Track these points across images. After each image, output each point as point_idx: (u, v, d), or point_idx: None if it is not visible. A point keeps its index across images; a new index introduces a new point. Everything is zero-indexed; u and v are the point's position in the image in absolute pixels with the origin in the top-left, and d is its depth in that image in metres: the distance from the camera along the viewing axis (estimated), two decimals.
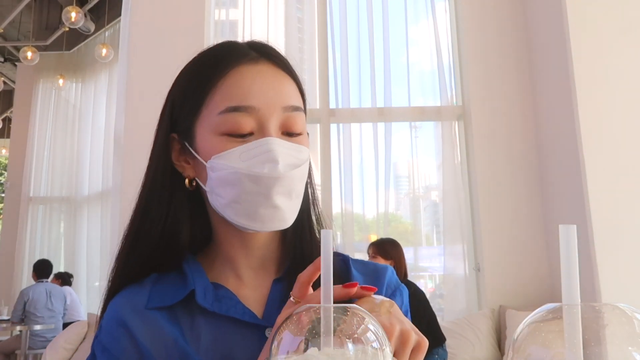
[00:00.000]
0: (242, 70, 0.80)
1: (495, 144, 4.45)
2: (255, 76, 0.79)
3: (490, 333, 4.00)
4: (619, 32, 3.75)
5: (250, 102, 0.77)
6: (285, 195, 0.75)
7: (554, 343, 0.38)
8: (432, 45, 4.81)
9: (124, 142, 4.32)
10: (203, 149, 0.79)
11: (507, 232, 4.31)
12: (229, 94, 0.78)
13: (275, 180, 0.74)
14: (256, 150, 0.75)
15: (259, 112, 0.76)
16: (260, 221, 0.76)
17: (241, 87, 0.78)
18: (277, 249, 0.85)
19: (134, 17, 4.53)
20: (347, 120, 4.70)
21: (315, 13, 4.95)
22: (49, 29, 8.79)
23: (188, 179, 0.82)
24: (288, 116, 0.79)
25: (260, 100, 0.77)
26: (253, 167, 0.74)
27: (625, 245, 3.50)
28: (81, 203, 8.12)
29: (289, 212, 0.77)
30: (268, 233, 0.82)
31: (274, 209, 0.75)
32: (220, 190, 0.77)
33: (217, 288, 0.80)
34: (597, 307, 0.38)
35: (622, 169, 3.58)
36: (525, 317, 0.41)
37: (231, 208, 0.76)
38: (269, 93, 0.78)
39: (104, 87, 8.12)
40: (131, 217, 0.85)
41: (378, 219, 4.58)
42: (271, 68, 0.81)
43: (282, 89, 0.80)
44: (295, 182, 0.76)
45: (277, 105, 0.78)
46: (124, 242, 0.83)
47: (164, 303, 0.77)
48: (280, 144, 0.76)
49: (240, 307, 0.77)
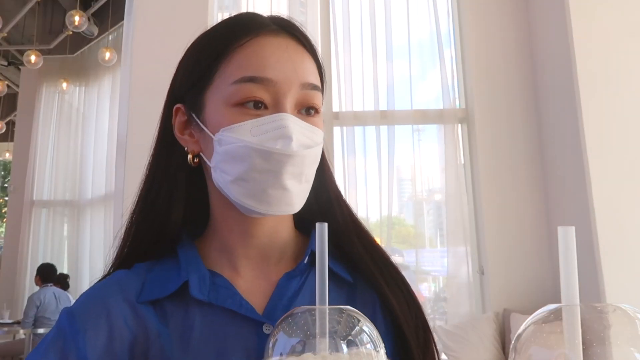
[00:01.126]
0: (262, 40, 0.75)
1: (498, 147, 4.44)
2: (275, 48, 0.74)
3: (494, 336, 3.98)
4: (623, 34, 3.74)
5: (268, 74, 0.72)
6: (296, 177, 0.70)
7: (556, 344, 0.38)
8: (434, 48, 4.81)
9: (127, 145, 4.32)
10: (212, 120, 0.74)
11: (510, 235, 4.30)
12: (246, 63, 0.73)
13: (288, 158, 0.68)
14: (269, 125, 0.70)
15: (276, 86, 0.72)
16: (267, 203, 0.70)
17: (259, 57, 0.73)
18: (288, 239, 0.80)
19: (137, 20, 4.54)
20: (350, 124, 4.70)
21: (318, 16, 4.95)
22: (52, 33, 8.84)
23: (192, 154, 0.77)
24: (306, 94, 0.74)
25: (278, 73, 0.72)
26: (265, 142, 0.69)
27: (629, 247, 3.49)
28: (84, 206, 8.13)
29: (297, 196, 0.72)
30: (271, 222, 0.77)
31: (283, 190, 0.70)
32: (226, 166, 0.72)
33: (214, 276, 0.75)
34: (599, 308, 0.38)
35: (626, 171, 3.57)
36: None
37: (237, 186, 0.71)
38: (288, 67, 0.73)
39: (107, 91, 8.14)
40: (137, 193, 0.81)
41: (381, 222, 4.58)
42: (292, 43, 0.77)
43: (302, 65, 0.75)
44: (306, 164, 0.71)
45: (296, 80, 0.73)
46: (130, 219, 0.80)
47: (156, 295, 0.72)
48: (294, 121, 0.71)
49: (238, 298, 0.72)
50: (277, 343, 0.42)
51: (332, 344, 0.42)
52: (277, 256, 0.79)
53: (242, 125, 0.70)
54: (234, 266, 0.77)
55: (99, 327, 0.69)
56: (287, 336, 0.42)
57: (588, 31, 3.75)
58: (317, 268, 0.45)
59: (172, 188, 0.79)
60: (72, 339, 0.67)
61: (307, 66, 0.76)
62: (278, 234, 0.79)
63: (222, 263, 0.78)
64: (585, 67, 3.69)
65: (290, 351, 0.42)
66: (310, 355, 0.41)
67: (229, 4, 5.24)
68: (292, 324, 0.43)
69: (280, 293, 0.75)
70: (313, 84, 0.75)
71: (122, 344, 0.68)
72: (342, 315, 0.44)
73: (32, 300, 6.24)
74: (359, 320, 0.43)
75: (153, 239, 0.79)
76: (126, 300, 0.72)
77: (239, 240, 0.77)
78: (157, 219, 0.79)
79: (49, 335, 0.70)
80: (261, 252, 0.78)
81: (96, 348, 0.67)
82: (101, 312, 0.70)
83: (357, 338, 0.42)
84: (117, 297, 0.72)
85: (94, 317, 0.69)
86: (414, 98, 4.83)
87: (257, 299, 0.74)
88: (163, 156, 0.80)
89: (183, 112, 0.79)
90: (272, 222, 0.77)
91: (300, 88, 0.73)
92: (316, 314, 0.42)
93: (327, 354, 0.41)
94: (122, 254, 0.80)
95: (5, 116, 11.19)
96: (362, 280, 0.80)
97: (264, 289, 0.76)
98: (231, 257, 0.78)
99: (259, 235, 0.77)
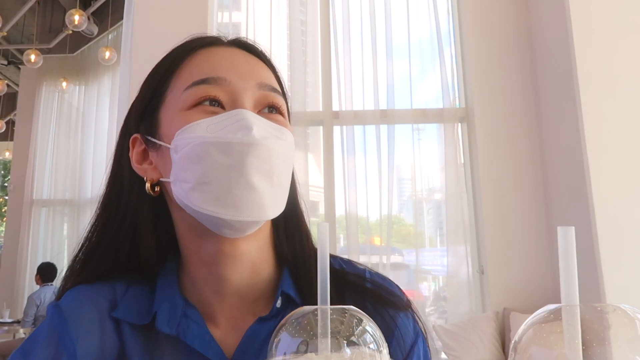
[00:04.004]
0: (212, 49, 0.71)
1: (498, 146, 4.44)
2: (227, 54, 0.71)
3: (494, 336, 3.98)
4: (623, 34, 3.74)
5: (221, 74, 0.67)
6: (264, 174, 0.62)
7: (556, 344, 0.38)
8: (434, 47, 4.81)
9: None
10: (167, 132, 0.67)
11: (510, 234, 4.30)
12: (196, 69, 0.69)
13: (250, 147, 0.61)
14: (227, 121, 0.64)
15: (231, 85, 0.67)
16: (233, 206, 0.61)
17: (210, 61, 0.69)
18: (268, 279, 0.73)
19: (137, 19, 4.54)
20: (350, 123, 4.70)
21: (318, 16, 4.95)
22: (52, 32, 8.83)
23: (150, 182, 0.70)
24: (264, 94, 0.69)
25: (232, 72, 0.68)
26: (223, 136, 0.62)
27: (629, 247, 3.48)
28: (84, 206, 8.12)
29: (269, 198, 0.63)
30: (249, 260, 0.69)
31: (250, 188, 0.61)
32: (184, 174, 0.64)
33: (188, 307, 0.70)
34: (598, 308, 0.38)
35: (626, 171, 3.57)
36: None
37: (197, 192, 0.63)
38: (242, 67, 0.69)
39: (107, 90, 8.14)
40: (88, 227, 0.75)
41: (381, 221, 4.58)
42: (243, 53, 0.72)
43: (256, 68, 0.71)
44: (274, 158, 0.63)
45: (252, 80, 0.68)
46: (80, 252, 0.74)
47: (130, 320, 0.69)
48: (255, 116, 0.65)
49: (207, 338, 0.67)
50: (280, 343, 0.43)
51: (335, 344, 0.42)
52: (254, 297, 0.72)
53: (198, 124, 0.64)
54: (206, 306, 0.72)
55: (91, 334, 0.67)
56: (290, 336, 0.43)
57: (588, 31, 3.75)
58: (319, 268, 0.45)
59: (135, 223, 0.72)
60: (64, 344, 0.66)
61: (262, 70, 0.71)
62: (257, 273, 0.72)
63: (196, 296, 0.72)
64: (585, 67, 3.69)
65: (294, 351, 0.42)
66: (313, 355, 0.41)
67: (229, 3, 5.24)
68: (295, 324, 0.43)
69: (252, 337, 0.69)
70: (271, 86, 0.70)
71: (111, 356, 0.67)
72: (344, 315, 0.44)
73: (32, 299, 6.24)
74: (362, 320, 0.44)
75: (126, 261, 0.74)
76: (110, 312, 0.70)
77: (211, 282, 0.71)
78: (121, 249, 0.73)
79: (41, 332, 0.68)
80: (237, 294, 0.71)
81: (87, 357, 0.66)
82: (94, 319, 0.69)
83: (360, 338, 0.43)
84: (105, 305, 0.70)
85: (86, 323, 0.68)
86: (414, 97, 4.83)
87: (228, 341, 0.69)
88: (121, 192, 0.74)
89: (140, 140, 0.73)
90: (250, 258, 0.70)
91: (258, 87, 0.68)
92: (318, 314, 0.43)
93: (330, 353, 0.41)
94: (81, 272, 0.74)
95: (5, 115, 11.19)
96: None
97: (237, 332, 0.70)
98: (202, 296, 0.72)
99: (234, 278, 0.70)
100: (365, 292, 0.73)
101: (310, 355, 0.41)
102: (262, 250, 0.72)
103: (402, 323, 0.72)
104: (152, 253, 0.73)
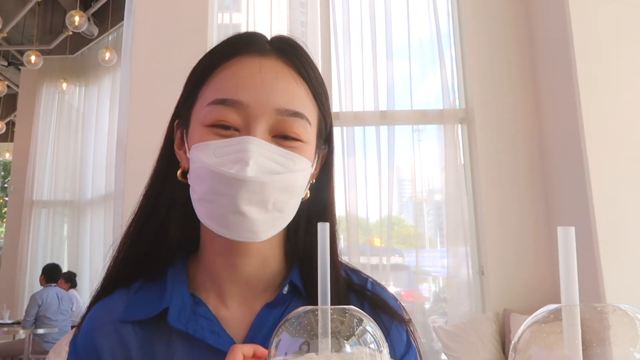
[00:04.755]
0: (245, 60, 0.72)
1: (498, 147, 4.44)
2: (256, 71, 0.71)
3: (494, 336, 3.98)
4: (623, 34, 3.74)
5: (239, 97, 0.69)
6: (257, 204, 0.67)
7: (556, 344, 0.38)
8: (434, 48, 4.81)
9: (127, 145, 4.32)
10: (191, 139, 0.72)
11: (510, 235, 4.30)
12: (221, 85, 0.71)
13: (241, 183, 0.65)
14: (231, 147, 0.68)
15: (247, 109, 0.69)
16: (226, 227, 0.68)
17: (235, 78, 0.71)
18: (277, 270, 0.77)
19: (137, 20, 4.54)
20: (350, 124, 4.70)
21: (318, 17, 4.95)
22: (52, 33, 8.84)
23: (181, 170, 0.76)
24: (282, 120, 0.70)
25: (251, 96, 0.69)
26: (223, 164, 0.67)
27: (629, 247, 3.48)
28: (84, 207, 8.13)
29: (262, 224, 0.68)
30: (259, 253, 0.75)
31: (241, 216, 0.66)
32: (194, 185, 0.71)
33: (197, 304, 0.73)
34: (599, 308, 0.38)
35: (626, 171, 3.57)
36: None
37: (201, 205, 0.69)
38: (265, 91, 0.70)
39: (107, 91, 8.14)
40: (136, 206, 0.80)
41: (381, 222, 4.58)
42: (280, 65, 0.73)
43: (282, 89, 0.71)
44: (271, 190, 0.67)
45: (270, 105, 0.69)
46: (125, 234, 0.79)
47: (138, 317, 0.72)
48: (260, 144, 0.68)
49: (217, 330, 0.71)
50: (280, 343, 0.43)
51: (335, 344, 0.42)
52: (263, 286, 0.77)
53: (208, 145, 0.69)
54: (220, 292, 0.76)
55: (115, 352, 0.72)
56: (291, 336, 0.43)
57: (588, 31, 3.75)
58: (319, 268, 0.46)
59: (169, 204, 0.77)
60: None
61: (290, 91, 0.72)
62: (266, 266, 0.77)
63: (207, 287, 0.76)
64: (585, 67, 3.69)
65: (294, 351, 0.42)
66: (313, 355, 0.41)
67: (229, 4, 5.24)
68: (295, 324, 0.43)
69: (260, 323, 0.72)
70: (292, 111, 0.71)
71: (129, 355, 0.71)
72: (345, 315, 0.44)
73: (35, 299, 6.25)
74: (362, 320, 0.44)
75: (145, 261, 0.78)
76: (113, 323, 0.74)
77: (224, 265, 0.75)
78: (151, 240, 0.78)
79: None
80: (247, 282, 0.76)
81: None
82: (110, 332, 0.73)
83: (361, 338, 0.43)
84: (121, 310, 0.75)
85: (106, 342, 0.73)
86: (414, 98, 4.83)
87: (239, 328, 0.73)
88: (163, 170, 0.79)
89: (180, 128, 0.78)
90: (260, 253, 0.75)
91: (276, 113, 0.70)
92: (319, 314, 0.43)
93: (331, 353, 0.41)
94: (113, 272, 0.79)
95: (5, 116, 11.19)
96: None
97: (247, 318, 0.74)
98: (217, 282, 0.76)
99: (245, 268, 0.75)
100: (365, 299, 0.77)
101: (311, 355, 0.41)
102: (273, 246, 0.77)
103: (395, 331, 0.76)
104: (173, 244, 0.78)
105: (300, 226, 0.79)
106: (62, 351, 4.80)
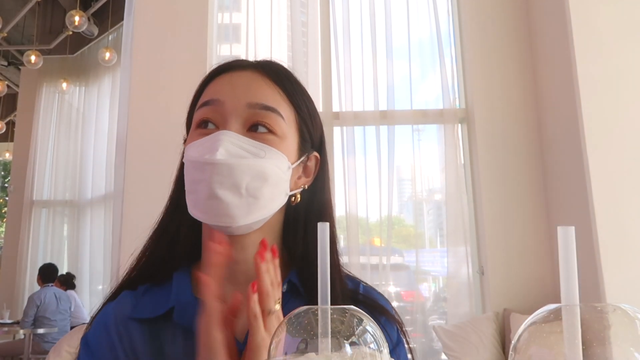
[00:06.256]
0: (232, 74, 0.82)
1: (498, 147, 4.44)
2: (235, 78, 0.81)
3: (494, 336, 3.98)
4: (623, 34, 3.74)
5: (219, 97, 0.78)
6: (229, 188, 0.72)
7: (556, 344, 0.38)
8: (434, 48, 4.81)
9: (126, 145, 4.32)
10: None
11: (510, 235, 4.30)
12: (208, 92, 0.81)
13: (212, 167, 0.72)
14: (207, 142, 0.75)
15: (223, 106, 0.77)
16: (206, 213, 0.74)
17: (219, 84, 0.81)
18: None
19: (137, 20, 4.54)
20: (350, 124, 4.70)
21: (318, 17, 4.95)
22: (52, 33, 8.84)
23: None
24: (254, 113, 0.78)
25: (226, 95, 0.79)
26: (199, 156, 0.74)
27: (629, 247, 3.49)
28: (84, 206, 8.13)
29: (237, 208, 0.73)
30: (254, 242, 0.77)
31: (216, 200, 0.72)
32: (185, 183, 0.78)
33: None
34: (599, 308, 0.38)
35: (626, 171, 3.57)
36: None
37: (188, 199, 0.76)
38: (239, 89, 0.79)
39: (107, 91, 8.13)
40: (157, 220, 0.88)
41: (381, 222, 4.58)
42: (257, 74, 0.82)
43: (255, 88, 0.80)
44: (239, 174, 0.73)
45: (243, 100, 0.78)
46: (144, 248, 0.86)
47: (145, 315, 0.78)
48: (232, 136, 0.75)
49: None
50: (280, 343, 0.43)
51: (336, 344, 0.42)
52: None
53: (193, 144, 0.77)
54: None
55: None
56: (291, 336, 0.43)
57: (588, 31, 3.75)
58: (319, 268, 0.46)
59: (179, 223, 0.84)
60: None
61: (262, 90, 0.80)
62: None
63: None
64: (585, 67, 3.69)
65: (294, 351, 0.42)
66: (313, 355, 0.41)
67: (229, 4, 5.24)
68: (295, 323, 0.43)
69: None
70: (263, 104, 0.78)
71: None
72: (345, 315, 0.44)
73: (33, 299, 6.24)
74: (363, 319, 0.44)
75: (153, 271, 0.84)
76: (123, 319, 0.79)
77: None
78: (163, 255, 0.84)
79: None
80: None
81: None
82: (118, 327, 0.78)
83: (361, 338, 0.43)
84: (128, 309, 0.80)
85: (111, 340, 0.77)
86: (414, 98, 4.83)
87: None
88: (180, 182, 0.85)
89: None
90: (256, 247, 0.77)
91: (247, 107, 0.78)
92: (319, 314, 0.43)
93: (331, 353, 0.41)
94: (125, 283, 0.85)
95: (5, 116, 11.19)
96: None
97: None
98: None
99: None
100: (358, 303, 0.81)
101: (311, 354, 0.41)
102: (269, 240, 0.78)
103: (386, 325, 0.82)
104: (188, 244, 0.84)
105: (298, 230, 0.85)
106: (62, 351, 4.79)
